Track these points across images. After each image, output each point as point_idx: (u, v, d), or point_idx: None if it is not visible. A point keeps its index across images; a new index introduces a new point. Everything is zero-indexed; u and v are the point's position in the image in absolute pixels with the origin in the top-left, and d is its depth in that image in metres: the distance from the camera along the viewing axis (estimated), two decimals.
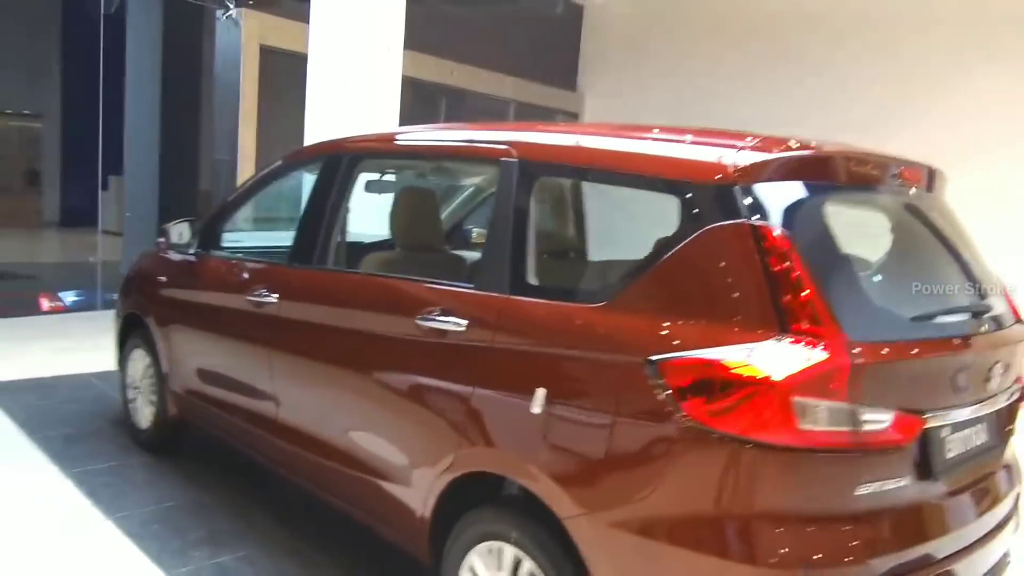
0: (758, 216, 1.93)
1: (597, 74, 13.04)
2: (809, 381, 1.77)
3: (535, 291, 2.31)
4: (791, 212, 1.98)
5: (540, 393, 2.15)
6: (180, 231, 3.72)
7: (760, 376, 1.79)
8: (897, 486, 1.92)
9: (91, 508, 3.47)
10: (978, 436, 2.23)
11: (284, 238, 3.45)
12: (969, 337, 2.19)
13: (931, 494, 2.05)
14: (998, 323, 2.37)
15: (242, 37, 8.24)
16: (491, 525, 2.31)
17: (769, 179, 2.00)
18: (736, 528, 1.83)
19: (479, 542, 2.34)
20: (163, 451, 4.12)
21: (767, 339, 1.82)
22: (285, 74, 8.26)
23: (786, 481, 1.82)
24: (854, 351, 1.81)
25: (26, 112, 19.75)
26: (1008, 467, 2.52)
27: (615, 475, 2.02)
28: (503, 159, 2.47)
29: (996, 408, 2.30)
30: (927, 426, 1.97)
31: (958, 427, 2.13)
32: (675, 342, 1.93)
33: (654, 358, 1.93)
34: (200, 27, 8.97)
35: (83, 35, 9.45)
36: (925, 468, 2.01)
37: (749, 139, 2.11)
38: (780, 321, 1.83)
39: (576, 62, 13.22)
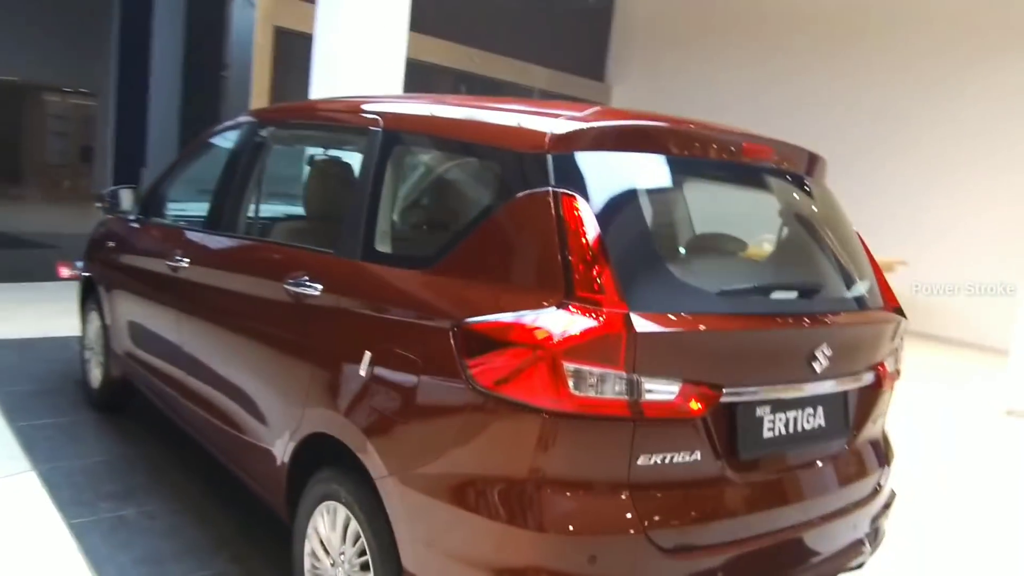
0: (565, 185, 1.92)
1: (626, 65, 12.95)
2: (579, 347, 1.77)
3: (381, 257, 2.34)
4: (601, 181, 1.97)
5: (367, 356, 2.19)
6: (120, 197, 3.86)
7: (530, 341, 1.79)
8: (689, 460, 1.90)
9: (21, 458, 3.63)
10: (811, 419, 2.18)
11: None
12: (784, 316, 2.14)
13: (738, 471, 2.01)
14: (838, 305, 2.32)
15: (256, 18, 8.41)
16: (328, 486, 2.35)
17: (584, 149, 1.99)
18: (513, 492, 1.83)
19: (321, 502, 2.38)
20: (109, 409, 4.28)
21: (551, 305, 1.82)
22: (298, 55, 8.41)
23: (561, 447, 1.81)
24: (635, 321, 1.80)
25: (83, 90, 20.49)
26: (871, 450, 2.46)
27: (416, 438, 2.04)
28: (371, 128, 2.51)
29: (837, 391, 2.25)
30: (728, 401, 1.94)
31: (779, 407, 2.09)
32: (474, 307, 1.95)
33: (450, 323, 1.95)
34: (221, 10, 9.17)
35: (135, 16, 9.75)
36: (730, 445, 1.99)
37: (582, 110, 2.10)
38: (566, 288, 1.83)
39: (605, 52, 13.13)
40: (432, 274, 2.13)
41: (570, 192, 1.91)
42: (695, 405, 1.87)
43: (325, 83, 7.21)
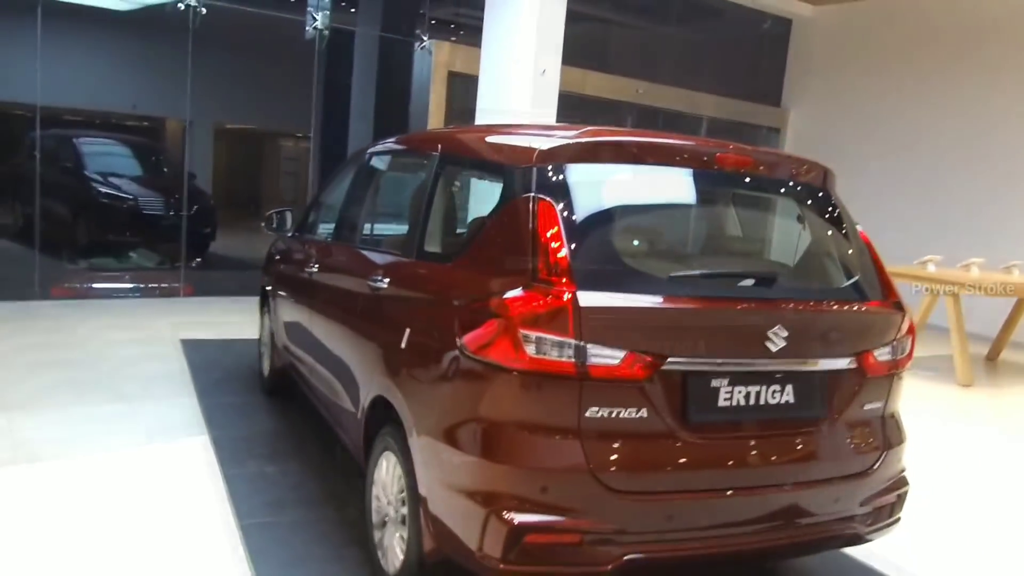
0: (543, 191, 2.39)
1: (803, 89, 12.77)
2: (533, 318, 2.21)
3: (428, 256, 2.91)
4: (575, 187, 2.41)
5: (406, 332, 2.76)
6: (279, 218, 4.72)
7: (495, 313, 2.27)
8: (635, 416, 2.27)
9: (201, 425, 4.56)
10: (777, 394, 2.45)
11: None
12: (735, 300, 2.44)
13: (691, 432, 2.34)
14: (805, 294, 2.56)
15: (432, 64, 9.41)
16: (386, 440, 2.93)
17: (565, 161, 2.44)
18: (486, 434, 2.31)
19: (382, 453, 2.97)
20: (275, 393, 5.17)
21: (518, 287, 2.29)
22: (468, 94, 9.30)
23: (523, 398, 2.26)
24: (581, 298, 2.21)
25: (310, 135, 23.17)
26: (866, 432, 2.65)
27: (429, 394, 2.57)
28: (432, 153, 3.11)
29: (806, 371, 2.50)
30: (675, 369, 2.29)
31: (738, 380, 2.39)
32: (473, 291, 2.45)
33: (455, 303, 2.47)
34: (406, 60, 10.27)
35: (338, 68, 11.20)
36: (683, 408, 2.33)
37: (577, 130, 2.56)
38: (532, 273, 2.29)
39: (781, 77, 13.02)
40: (455, 266, 2.67)
41: (545, 197, 2.37)
42: (637, 370, 2.25)
43: (488, 119, 8.01)
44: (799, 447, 2.53)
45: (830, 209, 2.79)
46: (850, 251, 2.73)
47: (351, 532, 3.39)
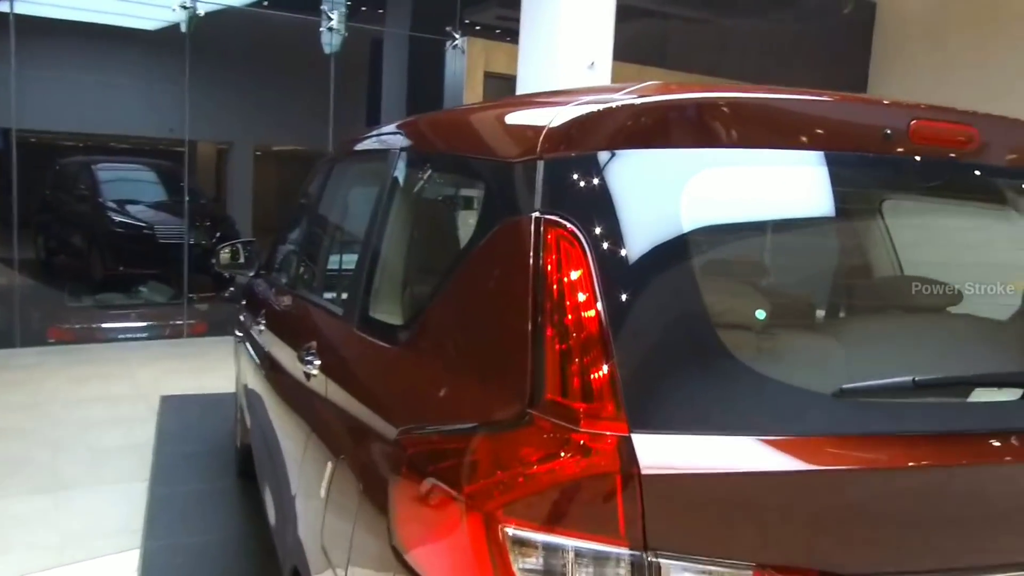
0: (560, 208, 1.14)
1: (891, 79, 11.26)
2: (535, 499, 0.96)
3: (373, 326, 1.66)
4: (615, 200, 1.14)
5: (328, 469, 1.52)
6: (240, 252, 3.50)
7: (448, 485, 1.01)
8: None
9: (137, 532, 3.41)
10: None
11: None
12: (987, 436, 1.12)
13: None
14: None
15: (466, 64, 8.29)
16: None
17: (596, 148, 1.18)
18: None
19: None
20: (245, 475, 3.99)
21: (506, 416, 1.04)
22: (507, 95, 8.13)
23: None
24: (643, 451, 0.96)
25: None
26: None
27: None
28: (394, 150, 1.89)
29: None
30: None
31: None
32: (413, 412, 1.22)
33: (391, 433, 1.23)
34: (438, 60, 9.15)
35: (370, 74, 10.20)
36: None
37: (611, 93, 1.30)
38: (533, 387, 1.03)
39: (865, 67, 11.53)
40: (402, 350, 1.43)
41: (563, 219, 1.12)
42: None
43: None
44: None
45: None
46: None
47: None
